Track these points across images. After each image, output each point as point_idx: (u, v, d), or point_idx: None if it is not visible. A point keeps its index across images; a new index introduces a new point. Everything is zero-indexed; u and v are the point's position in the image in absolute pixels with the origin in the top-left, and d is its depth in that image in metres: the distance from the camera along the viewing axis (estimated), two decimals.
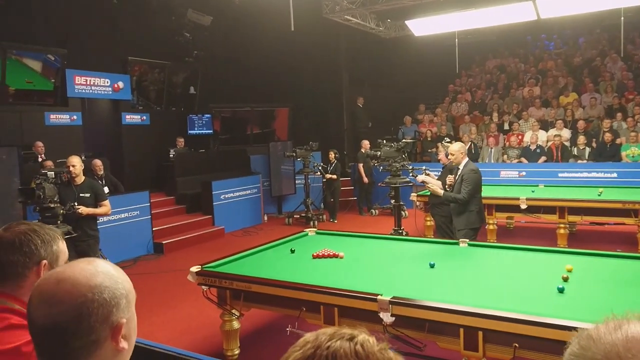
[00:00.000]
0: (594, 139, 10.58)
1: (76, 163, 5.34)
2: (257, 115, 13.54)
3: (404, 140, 8.01)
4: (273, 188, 11.26)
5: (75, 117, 9.77)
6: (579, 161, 10.26)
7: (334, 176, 10.53)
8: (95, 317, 1.01)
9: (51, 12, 9.17)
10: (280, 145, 11.43)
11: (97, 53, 9.93)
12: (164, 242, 8.50)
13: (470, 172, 5.25)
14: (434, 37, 11.91)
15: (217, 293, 4.01)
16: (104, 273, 1.07)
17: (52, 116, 9.43)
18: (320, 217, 10.37)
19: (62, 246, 1.57)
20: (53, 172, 5.13)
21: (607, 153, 10.00)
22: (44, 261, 1.50)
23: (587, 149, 10.37)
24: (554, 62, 14.36)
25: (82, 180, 5.40)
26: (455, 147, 5.50)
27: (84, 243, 5.36)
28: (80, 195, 5.31)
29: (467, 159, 5.49)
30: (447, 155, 6.12)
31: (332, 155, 10.67)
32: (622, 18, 10.37)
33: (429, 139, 12.30)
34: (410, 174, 6.82)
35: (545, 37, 16.26)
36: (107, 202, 5.57)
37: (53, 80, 9.44)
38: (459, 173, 5.38)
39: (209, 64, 12.10)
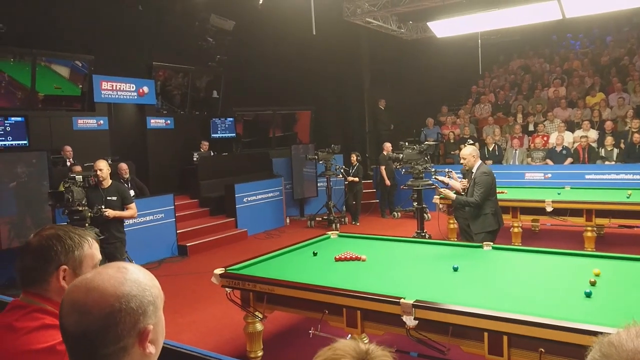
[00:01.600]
0: (622, 140, 10.34)
1: (103, 167, 5.45)
2: (280, 118, 13.62)
3: (426, 142, 7.96)
4: (295, 191, 11.30)
5: (101, 121, 9.97)
6: (607, 162, 10.05)
7: (356, 179, 10.51)
8: (123, 325, 1.04)
9: (78, 19, 9.38)
10: (302, 148, 11.48)
11: (123, 59, 10.13)
12: (188, 244, 8.62)
13: (482, 175, 5.17)
14: (456, 38, 11.82)
15: (240, 295, 4.05)
16: (131, 281, 1.08)
17: (79, 121, 9.65)
18: (343, 219, 10.36)
19: (88, 251, 1.56)
20: (81, 176, 5.26)
21: (636, 154, 9.76)
22: (64, 267, 1.51)
23: (615, 150, 10.14)
24: (580, 62, 14.09)
25: (110, 184, 5.51)
26: (467, 151, 5.40)
27: (111, 245, 5.47)
28: (108, 198, 5.42)
29: (480, 161, 5.40)
30: None
31: (354, 157, 10.67)
32: None
33: (451, 140, 12.18)
34: (433, 177, 6.78)
35: (571, 37, 15.95)
36: (133, 205, 5.67)
37: (80, 86, 9.67)
38: (472, 176, 5.31)
39: (231, 68, 12.22)
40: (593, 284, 3.28)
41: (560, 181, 9.34)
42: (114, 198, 5.47)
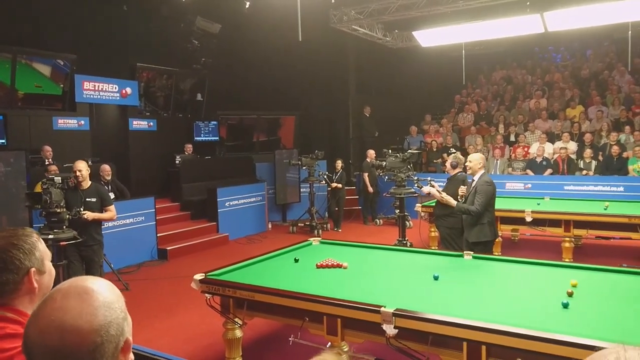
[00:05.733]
0: (601, 152, 10.55)
1: (82, 168, 5.37)
2: (264, 122, 13.59)
3: (409, 151, 8.01)
4: (278, 196, 11.28)
5: (82, 122, 9.83)
6: (585, 174, 10.23)
7: (339, 185, 10.53)
8: (107, 354, 1.00)
9: (61, 17, 9.26)
10: (285, 153, 11.46)
11: (106, 59, 10.01)
12: (168, 248, 8.53)
13: (484, 184, 5.17)
14: (441, 47, 11.96)
15: (220, 301, 4.01)
16: (102, 307, 1.01)
17: (60, 121, 9.49)
18: (325, 225, 10.36)
19: (42, 247, 1.58)
20: (60, 177, 5.16)
21: (613, 167, 9.96)
22: (32, 269, 1.52)
23: (594, 162, 10.33)
24: (561, 74, 14.36)
25: (89, 185, 5.43)
26: (476, 157, 5.44)
27: (89, 248, 5.38)
28: (87, 200, 5.34)
29: (483, 170, 5.41)
30: (453, 166, 6.11)
31: (339, 164, 10.68)
32: (630, 32, 10.39)
33: (434, 149, 12.30)
34: (416, 185, 6.82)
35: (553, 49, 16.27)
36: (112, 207, 5.60)
37: (62, 85, 9.52)
38: (473, 184, 5.31)
39: (216, 71, 12.17)
40: (570, 294, 3.33)
41: (540, 191, 9.48)
42: (94, 200, 5.39)
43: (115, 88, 10.21)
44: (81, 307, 1.00)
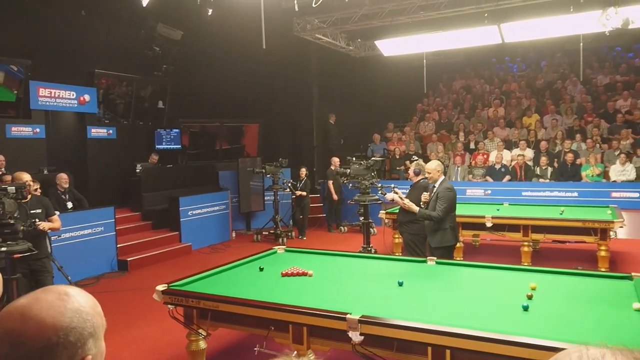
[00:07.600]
0: (556, 159, 10.93)
1: (29, 179, 5.22)
2: (227, 130, 13.46)
3: (373, 158, 8.10)
4: (242, 204, 11.17)
5: (38, 129, 9.49)
6: (542, 180, 10.57)
7: (304, 193, 10.53)
8: (58, 359, 0.97)
9: (16, 22, 8.95)
10: (249, 161, 11.38)
11: (63, 64, 9.70)
12: (128, 259, 8.30)
13: (445, 190, 5.27)
14: (402, 57, 12.16)
15: (183, 312, 3.93)
16: (72, 311, 1.01)
17: (13, 128, 9.14)
18: (289, 233, 10.32)
19: None
20: (14, 187, 4.96)
21: (568, 173, 10.34)
22: None
23: (549, 169, 10.70)
24: (518, 84, 14.84)
25: (30, 197, 5.27)
26: (432, 166, 5.51)
27: (39, 262, 5.21)
28: (32, 211, 5.18)
29: (443, 176, 5.53)
30: (415, 173, 6.20)
31: (303, 172, 10.68)
32: (581, 44, 10.84)
33: (397, 156, 12.46)
34: (380, 192, 6.88)
35: (509, 60, 16.82)
36: (57, 217, 5.50)
37: (16, 92, 9.17)
38: (434, 191, 5.40)
39: (178, 78, 11.99)
40: (530, 297, 3.42)
41: (499, 197, 9.73)
42: (39, 211, 5.24)
43: (73, 95, 9.91)
44: (54, 303, 1.00)
